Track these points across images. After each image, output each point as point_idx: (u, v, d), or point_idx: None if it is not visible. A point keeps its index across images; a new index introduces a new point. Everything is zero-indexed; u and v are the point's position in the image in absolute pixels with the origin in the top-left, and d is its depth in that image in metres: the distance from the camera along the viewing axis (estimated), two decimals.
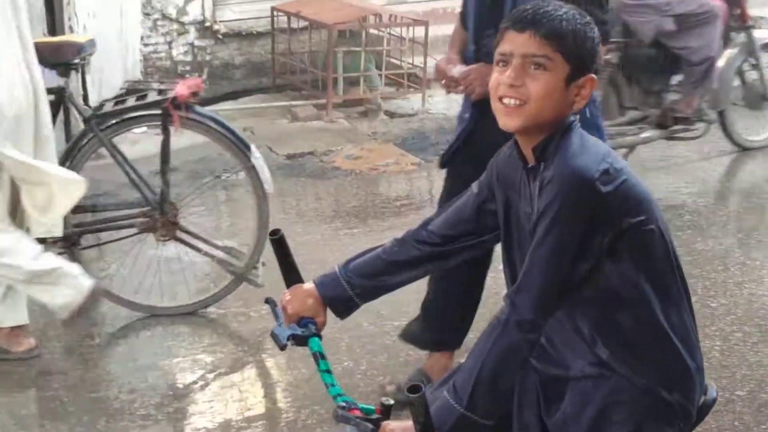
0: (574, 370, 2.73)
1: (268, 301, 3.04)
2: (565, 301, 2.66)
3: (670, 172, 8.40)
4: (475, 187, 2.95)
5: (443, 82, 4.65)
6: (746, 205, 7.61)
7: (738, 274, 6.41)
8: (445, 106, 10.40)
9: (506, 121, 2.65)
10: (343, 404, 2.70)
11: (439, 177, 8.72)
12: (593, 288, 2.64)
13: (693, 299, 5.92)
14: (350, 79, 10.37)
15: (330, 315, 3.04)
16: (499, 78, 2.66)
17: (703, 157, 8.73)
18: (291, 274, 3.03)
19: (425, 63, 10.29)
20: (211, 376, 5.42)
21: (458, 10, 4.90)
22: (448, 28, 11.58)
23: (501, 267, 2.90)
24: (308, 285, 2.99)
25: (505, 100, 2.64)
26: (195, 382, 5.38)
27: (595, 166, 2.56)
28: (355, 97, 10.38)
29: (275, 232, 3.01)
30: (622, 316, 2.66)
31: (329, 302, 2.97)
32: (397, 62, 10.66)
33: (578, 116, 2.74)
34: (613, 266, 2.62)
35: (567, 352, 2.74)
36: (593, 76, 2.68)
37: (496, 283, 5.07)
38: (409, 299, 5.87)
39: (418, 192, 8.47)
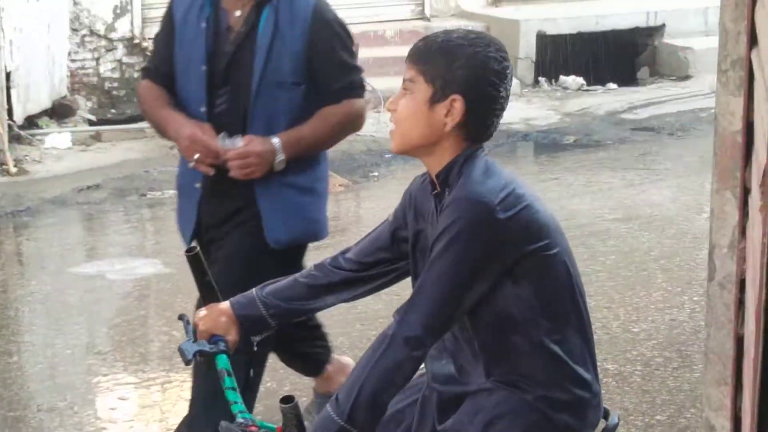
0: (473, 385, 2.77)
1: (181, 317, 3.02)
2: (465, 322, 2.69)
3: (595, 198, 8.49)
4: (391, 215, 2.97)
5: (198, 155, 3.87)
6: (669, 232, 7.70)
7: (660, 299, 6.47)
8: (373, 128, 10.42)
9: (391, 145, 2.76)
10: (242, 421, 2.69)
11: (368, 199, 8.79)
12: (491, 309, 2.66)
13: (615, 324, 6.01)
14: None
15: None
16: None
17: (627, 184, 8.82)
18: (207, 293, 3.01)
19: None
20: (131, 395, 5.36)
21: (388, 33, 4.54)
22: (377, 51, 11.65)
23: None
24: (224, 304, 2.98)
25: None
26: (115, 402, 5.31)
27: (495, 193, 2.58)
28: None
29: (191, 249, 3.00)
30: (516, 338, 2.68)
31: (242, 321, 2.95)
32: None
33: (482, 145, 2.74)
34: (512, 289, 2.64)
35: (470, 371, 2.77)
36: (458, 96, 2.64)
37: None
38: (334, 321, 5.89)
39: (346, 213, 8.47)
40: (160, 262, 7.07)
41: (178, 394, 5.37)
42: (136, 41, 10.98)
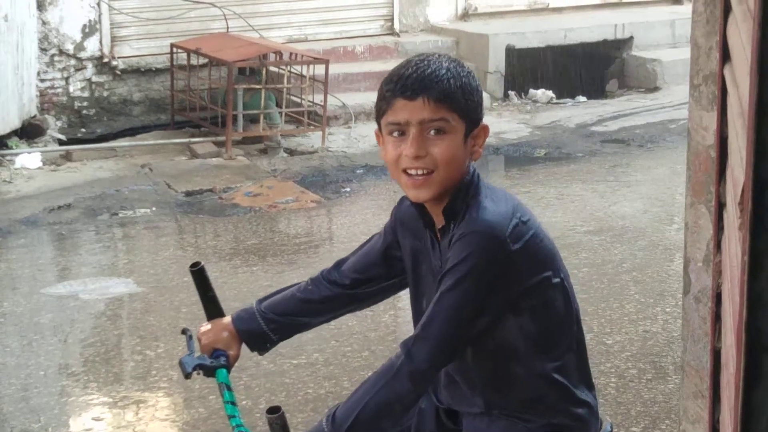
0: (471, 406, 2.75)
1: (184, 331, 3.02)
2: (465, 352, 2.65)
3: (567, 211, 8.52)
4: (381, 232, 2.93)
5: None
6: (641, 244, 7.73)
7: (633, 311, 6.50)
8: (345, 144, 10.43)
9: (416, 193, 2.60)
10: None
11: (340, 214, 8.79)
12: (492, 339, 2.63)
13: (589, 336, 6.01)
14: (250, 116, 10.37)
15: (245, 351, 3.03)
16: (399, 150, 2.58)
17: (598, 196, 8.86)
18: (211, 308, 3.02)
19: (325, 101, 10.33)
20: (106, 415, 5.34)
21: (358, 48, 4.12)
22: (348, 67, 11.71)
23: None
24: (226, 319, 2.98)
25: (411, 171, 2.58)
26: (90, 422, 5.29)
27: (506, 223, 2.53)
28: (254, 134, 10.37)
29: (195, 264, 3.00)
30: (517, 367, 2.66)
31: (244, 336, 2.95)
32: (298, 100, 10.68)
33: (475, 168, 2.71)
34: (513, 320, 2.61)
35: (467, 391, 2.75)
36: (485, 123, 2.66)
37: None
38: (309, 338, 5.88)
39: (318, 229, 8.47)
40: (133, 282, 7.05)
41: (152, 414, 5.35)
42: (105, 60, 10.96)
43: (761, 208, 1.42)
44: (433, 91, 2.54)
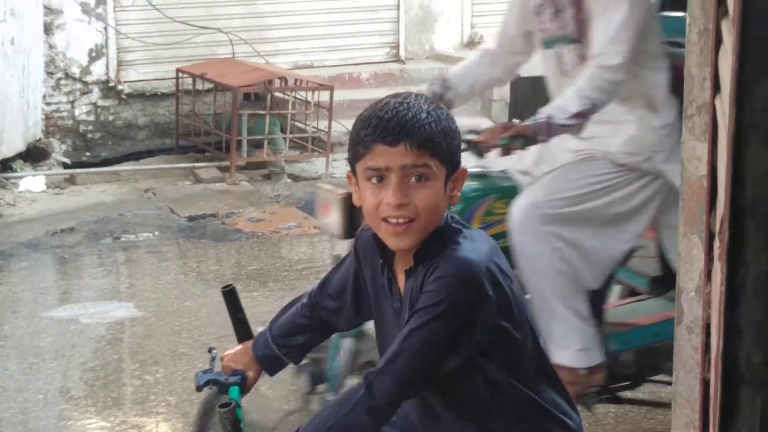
0: None
1: (210, 350, 3.05)
2: (443, 390, 2.62)
3: None
4: (351, 256, 2.88)
5: None
6: None
7: None
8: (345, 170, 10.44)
9: (398, 242, 2.55)
10: None
11: (342, 241, 8.76)
12: (477, 372, 2.60)
13: None
14: (254, 141, 10.39)
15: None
16: (378, 197, 2.52)
17: None
18: (240, 330, 3.04)
19: (330, 127, 10.35)
20: None
21: (363, 75, 4.17)
22: (353, 94, 11.71)
23: None
24: (250, 342, 2.99)
25: (392, 220, 2.52)
26: None
27: (482, 265, 2.50)
28: (258, 159, 10.39)
29: (227, 286, 3.04)
30: (501, 394, 2.64)
31: (261, 361, 2.96)
32: (302, 126, 10.70)
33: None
34: (484, 359, 2.58)
35: (456, 422, 2.70)
36: (464, 167, 2.61)
37: None
38: None
39: (321, 255, 8.46)
40: (134, 306, 7.05)
41: None
42: (111, 84, 11.00)
43: (739, 239, 1.42)
44: (416, 136, 2.47)
